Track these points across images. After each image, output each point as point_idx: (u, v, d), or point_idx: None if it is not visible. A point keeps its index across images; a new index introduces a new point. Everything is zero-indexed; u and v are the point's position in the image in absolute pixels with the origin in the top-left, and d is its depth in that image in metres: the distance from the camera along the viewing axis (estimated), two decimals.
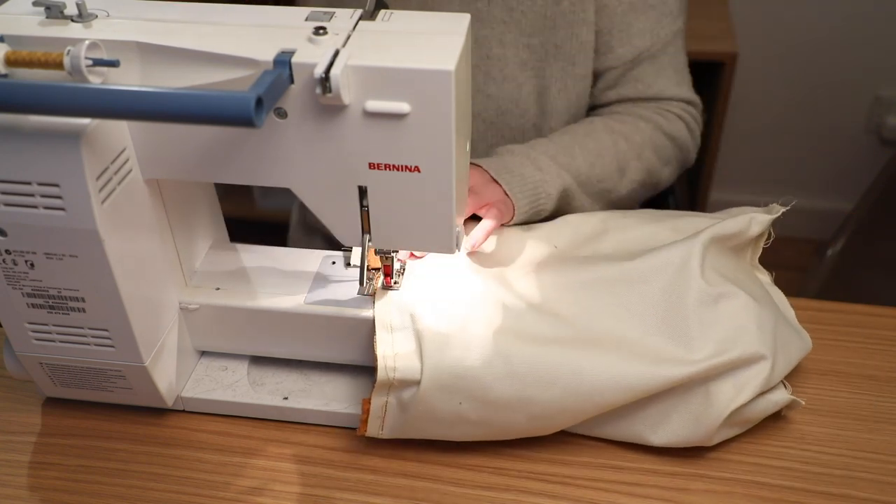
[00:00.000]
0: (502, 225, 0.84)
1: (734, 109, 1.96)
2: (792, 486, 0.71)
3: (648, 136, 0.96)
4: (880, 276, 1.34)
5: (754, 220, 0.80)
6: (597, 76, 1.00)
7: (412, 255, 0.78)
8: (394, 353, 0.69)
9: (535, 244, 0.82)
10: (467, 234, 0.78)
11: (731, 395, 0.70)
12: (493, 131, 1.01)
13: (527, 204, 0.84)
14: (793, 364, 0.75)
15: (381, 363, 0.69)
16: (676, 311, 0.72)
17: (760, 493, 0.70)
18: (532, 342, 0.70)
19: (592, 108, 1.03)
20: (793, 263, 0.80)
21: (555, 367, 0.69)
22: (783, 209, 0.82)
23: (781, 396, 0.72)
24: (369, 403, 0.70)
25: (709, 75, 1.80)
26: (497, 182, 0.84)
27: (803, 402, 0.74)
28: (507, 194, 0.83)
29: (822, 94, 2.00)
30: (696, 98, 1.03)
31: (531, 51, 0.96)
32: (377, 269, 0.75)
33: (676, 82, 1.00)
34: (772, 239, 0.82)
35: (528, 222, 0.86)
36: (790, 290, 0.85)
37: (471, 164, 0.86)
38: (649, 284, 0.74)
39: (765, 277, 0.83)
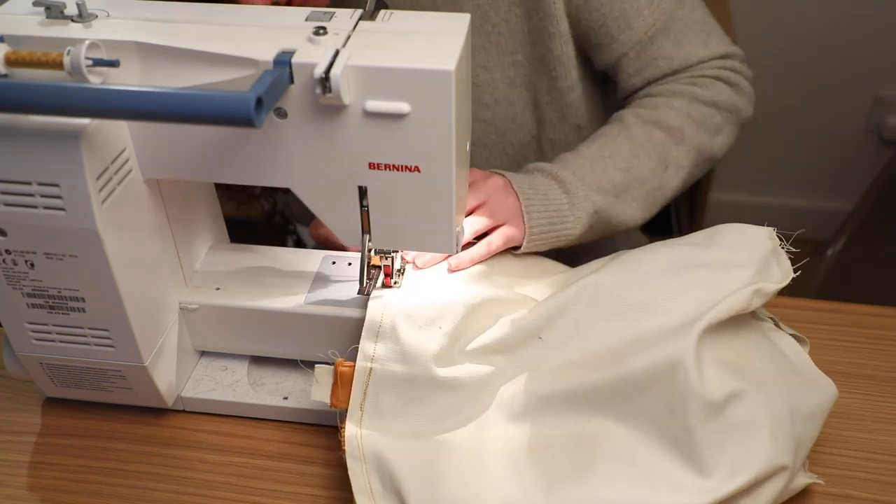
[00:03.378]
0: (512, 250, 0.80)
1: None
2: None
3: (685, 112, 0.89)
4: (880, 276, 1.35)
5: (757, 295, 0.70)
6: (615, 70, 0.95)
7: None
8: None
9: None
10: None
11: None
12: (495, 153, 1.00)
13: (545, 226, 0.80)
14: (818, 430, 0.70)
15: None
16: (681, 429, 0.65)
17: None
18: (527, 492, 0.65)
19: (625, 98, 0.97)
20: (793, 263, 0.79)
21: None
22: (792, 273, 0.73)
23: (801, 481, 0.67)
24: None
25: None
26: (516, 195, 0.80)
27: (822, 482, 0.68)
28: (521, 212, 0.79)
29: (822, 94, 2.00)
30: (731, 49, 0.94)
31: (518, 67, 0.95)
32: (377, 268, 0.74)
33: (701, 43, 0.93)
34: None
35: (546, 249, 0.82)
36: (790, 290, 0.85)
37: (494, 171, 0.83)
38: (648, 397, 0.67)
39: (767, 324, 0.76)
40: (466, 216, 0.78)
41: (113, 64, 0.60)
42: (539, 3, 0.90)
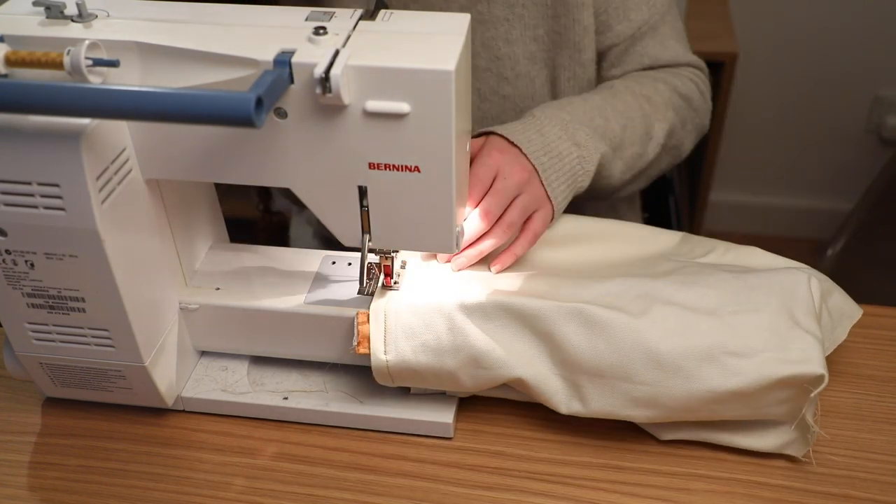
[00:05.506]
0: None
1: (734, 109, 1.97)
2: (792, 486, 0.71)
3: (668, 97, 0.94)
4: (880, 276, 1.35)
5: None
6: (600, 56, 0.98)
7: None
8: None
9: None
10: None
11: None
12: None
13: (566, 191, 0.80)
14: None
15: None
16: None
17: (760, 493, 0.70)
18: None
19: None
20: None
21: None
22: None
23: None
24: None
25: (709, 75, 1.80)
26: (538, 175, 0.78)
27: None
28: (547, 195, 0.78)
29: (822, 94, 2.00)
30: (701, 63, 1.01)
31: (539, 42, 0.95)
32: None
33: (683, 50, 0.99)
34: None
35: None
36: None
37: (502, 136, 0.79)
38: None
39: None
40: (476, 206, 0.75)
41: (113, 64, 0.60)
42: None
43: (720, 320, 0.69)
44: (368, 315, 0.71)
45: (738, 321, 0.69)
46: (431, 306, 0.71)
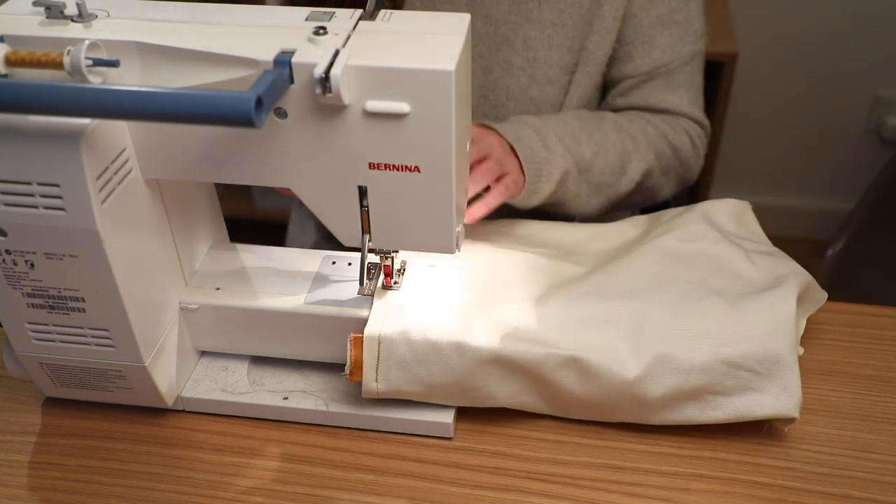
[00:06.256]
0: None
1: (734, 109, 1.97)
2: (792, 486, 0.71)
3: (653, 141, 0.96)
4: (880, 276, 1.34)
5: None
6: (612, 83, 1.01)
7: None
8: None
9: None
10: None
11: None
12: None
13: (533, 179, 0.85)
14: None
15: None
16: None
17: (760, 493, 0.70)
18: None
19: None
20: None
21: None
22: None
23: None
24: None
25: (709, 75, 1.80)
26: (515, 155, 0.85)
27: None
28: (521, 169, 0.84)
29: (822, 94, 2.00)
30: (705, 121, 1.03)
31: (572, 54, 0.96)
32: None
33: (689, 102, 1.00)
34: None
35: (524, 203, 0.88)
36: None
37: (485, 126, 0.86)
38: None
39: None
40: (472, 167, 0.81)
41: (113, 64, 0.60)
42: None
43: (709, 363, 0.71)
44: (362, 340, 0.71)
45: (726, 361, 0.71)
46: (427, 342, 0.71)
